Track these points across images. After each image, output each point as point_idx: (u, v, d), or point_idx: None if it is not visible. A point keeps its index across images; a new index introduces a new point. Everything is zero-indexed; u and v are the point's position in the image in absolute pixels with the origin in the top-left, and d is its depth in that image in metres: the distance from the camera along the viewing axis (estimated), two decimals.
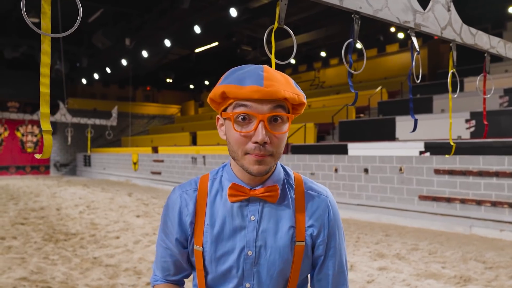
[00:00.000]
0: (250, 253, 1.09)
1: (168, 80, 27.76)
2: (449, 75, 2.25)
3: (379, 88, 14.86)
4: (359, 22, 1.67)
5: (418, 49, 1.88)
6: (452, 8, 1.98)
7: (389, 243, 6.53)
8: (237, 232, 1.10)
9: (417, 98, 12.37)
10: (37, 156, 1.12)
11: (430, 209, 8.04)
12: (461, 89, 11.91)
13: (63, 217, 8.97)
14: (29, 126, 23.55)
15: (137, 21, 16.20)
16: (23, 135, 23.81)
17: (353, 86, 1.80)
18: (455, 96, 2.47)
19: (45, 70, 1.14)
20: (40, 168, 24.24)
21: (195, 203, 1.15)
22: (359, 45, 1.80)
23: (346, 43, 1.73)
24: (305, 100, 1.08)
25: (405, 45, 18.46)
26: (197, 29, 15.36)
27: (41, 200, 11.77)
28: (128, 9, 16.04)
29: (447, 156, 2.82)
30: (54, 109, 15.87)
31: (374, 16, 1.70)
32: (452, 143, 2.40)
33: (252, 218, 1.10)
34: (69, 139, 12.12)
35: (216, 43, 18.97)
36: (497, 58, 2.38)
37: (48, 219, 8.70)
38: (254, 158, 1.03)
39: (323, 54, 21.46)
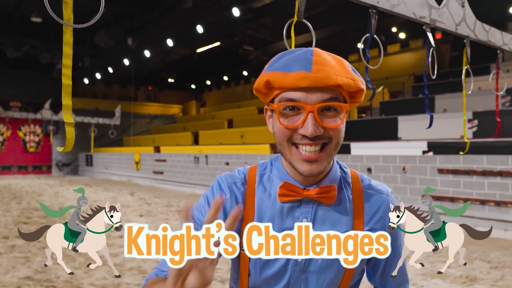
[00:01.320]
0: (300, 259, 0.99)
1: (170, 80, 27.77)
2: (463, 71, 2.23)
3: (381, 88, 14.84)
4: (376, 17, 1.66)
5: (434, 45, 1.87)
6: (466, 4, 1.98)
7: None
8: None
9: (419, 98, 12.35)
10: (59, 149, 1.11)
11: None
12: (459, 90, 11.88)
13: (66, 216, 8.96)
14: (31, 126, 23.55)
15: (140, 21, 16.21)
16: (25, 134, 23.81)
17: (370, 81, 1.78)
18: (469, 93, 2.45)
19: (67, 61, 1.13)
20: (42, 167, 24.25)
21: (244, 198, 1.03)
22: (365, 42, 1.79)
23: (363, 38, 1.72)
24: (363, 86, 0.95)
25: (406, 45, 18.44)
26: (199, 29, 15.35)
27: (43, 200, 11.78)
28: (130, 8, 16.05)
29: (461, 153, 2.81)
30: (57, 109, 15.88)
31: (391, 11, 1.69)
32: (466, 140, 2.38)
33: (304, 220, 1.00)
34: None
35: (218, 43, 18.97)
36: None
37: (51, 218, 8.69)
38: (304, 158, 0.92)
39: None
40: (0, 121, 22.28)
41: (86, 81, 24.00)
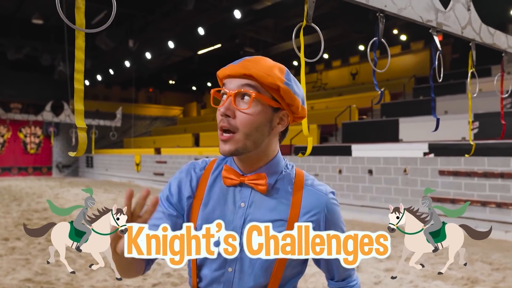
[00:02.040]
0: None
1: (170, 81, 27.79)
2: (469, 74, 2.23)
3: (382, 89, 14.83)
4: (384, 20, 1.66)
5: (440, 48, 1.87)
6: (472, 7, 1.98)
7: (394, 244, 6.49)
8: (227, 215, 1.11)
9: (420, 100, 12.36)
10: (71, 154, 1.13)
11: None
12: (464, 91, 11.89)
13: (67, 218, 8.96)
14: (32, 127, 23.56)
15: (141, 23, 16.24)
16: (25, 136, 23.83)
17: (378, 85, 1.79)
18: (474, 96, 2.45)
19: (79, 66, 1.14)
20: (42, 169, 24.26)
21: (199, 181, 1.19)
22: (368, 46, 1.79)
23: (371, 42, 1.73)
24: (282, 84, 1.06)
25: (407, 47, 18.44)
26: (200, 31, 15.36)
27: (43, 201, 11.77)
28: (131, 10, 16.06)
29: (467, 156, 2.81)
30: (58, 110, 15.89)
31: (398, 15, 1.70)
32: (471, 143, 2.40)
33: (242, 204, 1.11)
34: (73, 140, 12.13)
35: (219, 45, 19.00)
36: (499, 60, 2.38)
37: (51, 219, 8.70)
38: (220, 137, 1.08)
39: (325, 56, 21.47)
40: (1, 123, 22.29)
41: (87, 82, 24.03)
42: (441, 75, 1.93)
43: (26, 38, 18.33)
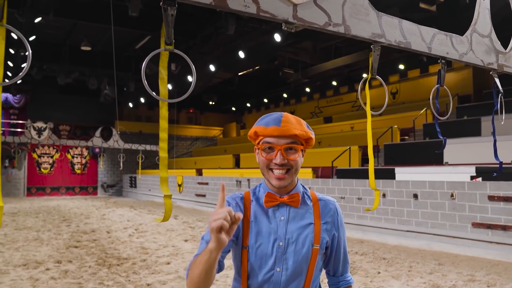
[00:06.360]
0: (281, 244, 1.48)
1: (210, 102, 28.26)
2: None
3: (424, 109, 14.54)
4: (446, 67, 1.70)
5: (502, 91, 1.87)
6: None
7: (443, 273, 6.33)
8: (272, 228, 1.49)
9: (464, 120, 12.06)
10: (157, 220, 1.26)
11: (485, 237, 7.75)
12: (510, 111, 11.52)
13: (114, 240, 9.22)
14: (79, 148, 24.48)
15: (182, 47, 16.68)
16: (73, 157, 24.78)
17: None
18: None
19: (163, 135, 1.26)
20: (88, 188, 25.08)
21: (243, 206, 1.55)
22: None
23: (433, 89, 1.77)
24: (312, 135, 1.50)
25: (449, 65, 18.05)
26: (241, 54, 15.63)
27: (91, 222, 12.16)
28: (174, 36, 16.52)
29: None
30: (105, 133, 16.46)
31: (460, 61, 1.73)
32: None
33: (282, 218, 1.51)
34: (121, 165, 12.52)
35: (258, 67, 19.24)
36: None
37: (99, 242, 8.97)
38: (276, 176, 1.46)
39: (364, 75, 21.30)
40: (51, 145, 23.31)
41: (130, 105, 24.83)
42: (503, 118, 1.93)
43: (75, 64, 19.20)
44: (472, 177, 8.61)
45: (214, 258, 1.27)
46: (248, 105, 29.70)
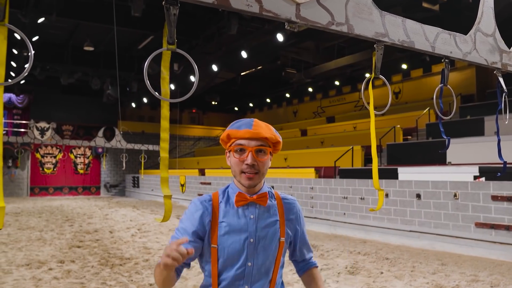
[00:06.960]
0: (252, 240, 1.59)
1: (213, 102, 28.28)
2: None
3: (427, 109, 14.49)
4: (449, 66, 1.69)
5: (505, 90, 1.86)
6: None
7: (446, 273, 6.32)
8: (243, 226, 1.60)
9: (468, 120, 12.03)
10: (158, 220, 1.28)
11: (488, 237, 7.72)
12: None
13: (117, 240, 9.23)
14: (82, 148, 24.53)
15: (185, 47, 16.68)
16: (76, 157, 24.83)
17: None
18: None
19: (164, 135, 1.26)
20: (91, 188, 25.14)
21: (212, 208, 1.63)
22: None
23: (437, 88, 1.76)
24: (280, 139, 1.63)
25: (452, 64, 17.91)
26: (243, 54, 15.63)
27: (94, 222, 12.18)
28: (176, 35, 16.54)
29: None
30: (107, 133, 16.49)
31: (464, 60, 1.72)
32: None
33: (252, 216, 1.62)
34: (124, 165, 12.55)
35: (260, 66, 19.24)
36: None
37: (102, 242, 8.98)
38: (246, 176, 1.57)
39: (367, 75, 21.27)
40: (54, 145, 23.37)
41: (133, 105, 24.85)
42: (507, 117, 1.93)
43: (77, 64, 19.24)
44: (475, 177, 8.58)
45: (168, 273, 1.46)
46: (251, 105, 29.70)
